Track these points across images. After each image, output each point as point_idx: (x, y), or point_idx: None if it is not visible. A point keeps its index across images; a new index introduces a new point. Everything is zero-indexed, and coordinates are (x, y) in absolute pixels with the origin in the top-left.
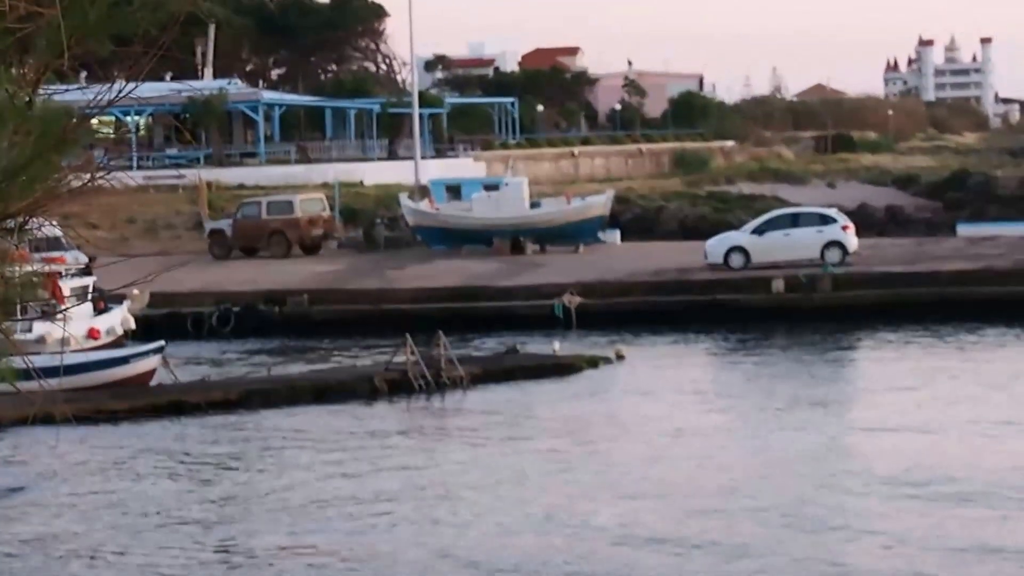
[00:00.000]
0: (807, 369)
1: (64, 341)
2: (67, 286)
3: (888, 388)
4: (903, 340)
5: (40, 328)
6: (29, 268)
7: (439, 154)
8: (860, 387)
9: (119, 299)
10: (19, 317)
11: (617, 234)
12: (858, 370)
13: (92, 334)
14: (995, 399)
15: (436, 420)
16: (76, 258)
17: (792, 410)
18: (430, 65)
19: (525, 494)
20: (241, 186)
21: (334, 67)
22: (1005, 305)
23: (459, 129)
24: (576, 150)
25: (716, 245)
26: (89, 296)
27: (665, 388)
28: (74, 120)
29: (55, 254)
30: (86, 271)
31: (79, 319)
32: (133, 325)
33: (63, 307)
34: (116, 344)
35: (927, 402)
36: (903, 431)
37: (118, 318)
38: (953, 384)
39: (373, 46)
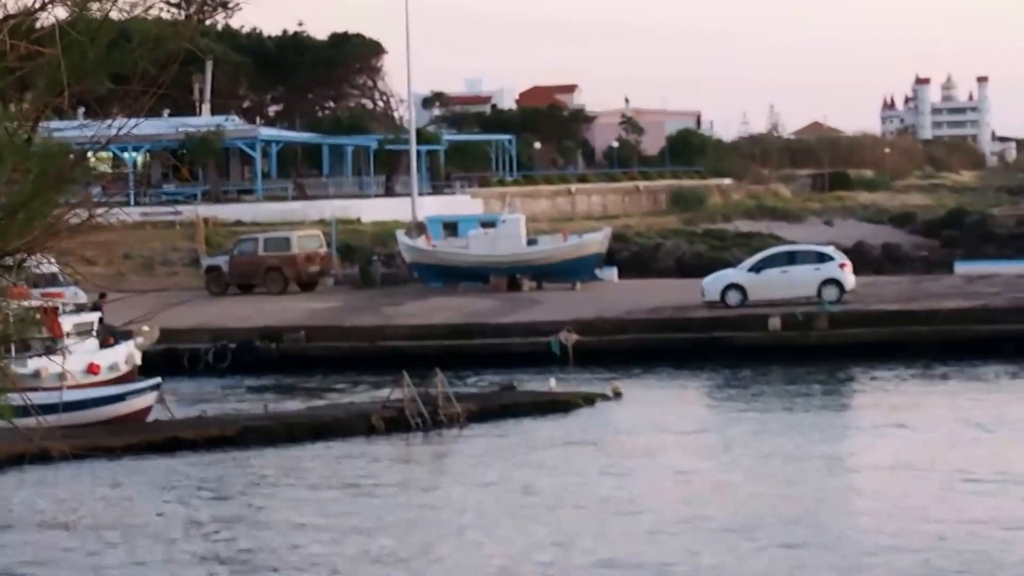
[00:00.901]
0: (803, 409)
1: (61, 376)
2: (70, 322)
3: (881, 429)
4: (900, 379)
5: (35, 362)
6: (26, 304)
7: (436, 191)
8: (854, 428)
9: (128, 335)
10: (15, 352)
11: (614, 271)
12: (853, 410)
13: (92, 369)
14: (984, 444)
15: (433, 458)
16: (75, 294)
17: (786, 452)
18: (427, 102)
19: (522, 534)
20: (238, 222)
21: (332, 104)
22: (1002, 343)
23: (456, 166)
24: (573, 187)
25: (713, 283)
26: (95, 332)
27: (661, 427)
28: (72, 157)
29: (54, 289)
30: (95, 307)
31: (80, 354)
32: (139, 361)
33: (61, 343)
34: (127, 379)
35: (918, 446)
36: (889, 477)
37: (123, 354)
38: (945, 426)
39: (371, 83)
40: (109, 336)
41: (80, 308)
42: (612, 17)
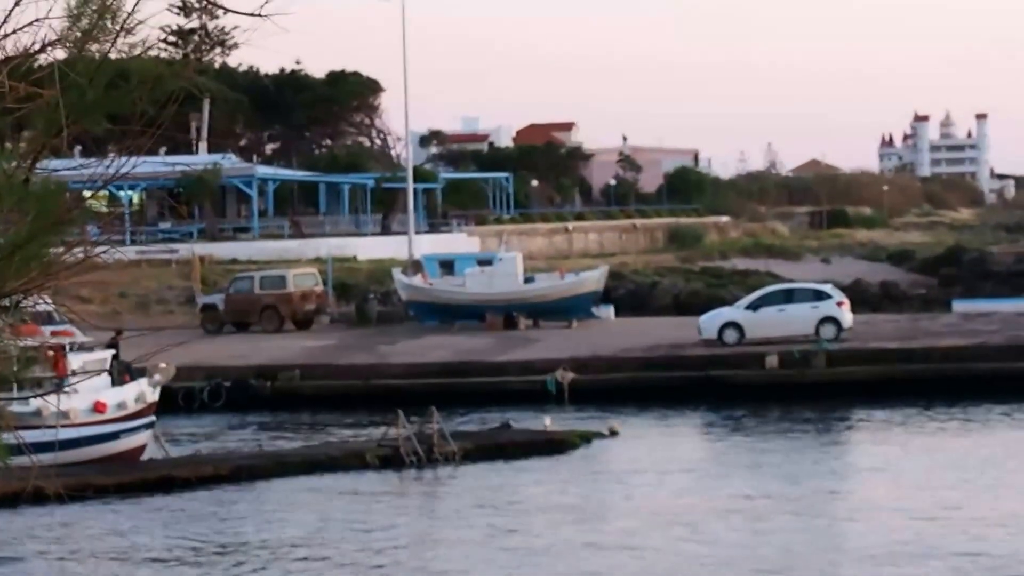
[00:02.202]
0: (800, 449)
1: (62, 414)
2: (79, 360)
3: (874, 471)
4: (897, 418)
5: (36, 400)
6: (30, 343)
7: (433, 229)
8: (848, 468)
9: (143, 371)
10: (15, 391)
11: (611, 309)
12: (849, 450)
13: (98, 408)
14: (972, 488)
15: (427, 498)
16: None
17: (782, 494)
18: (425, 140)
19: None
20: (234, 260)
21: (328, 142)
22: (1000, 382)
23: (453, 204)
24: (570, 225)
25: (710, 321)
26: (108, 369)
27: (656, 467)
28: (69, 196)
29: (64, 328)
30: (111, 344)
31: (86, 392)
32: (153, 398)
33: (67, 381)
34: (141, 417)
35: (907, 490)
36: (874, 522)
37: (133, 392)
38: (938, 469)
39: (368, 121)
40: (125, 373)
41: (81, 347)
42: (609, 55)
